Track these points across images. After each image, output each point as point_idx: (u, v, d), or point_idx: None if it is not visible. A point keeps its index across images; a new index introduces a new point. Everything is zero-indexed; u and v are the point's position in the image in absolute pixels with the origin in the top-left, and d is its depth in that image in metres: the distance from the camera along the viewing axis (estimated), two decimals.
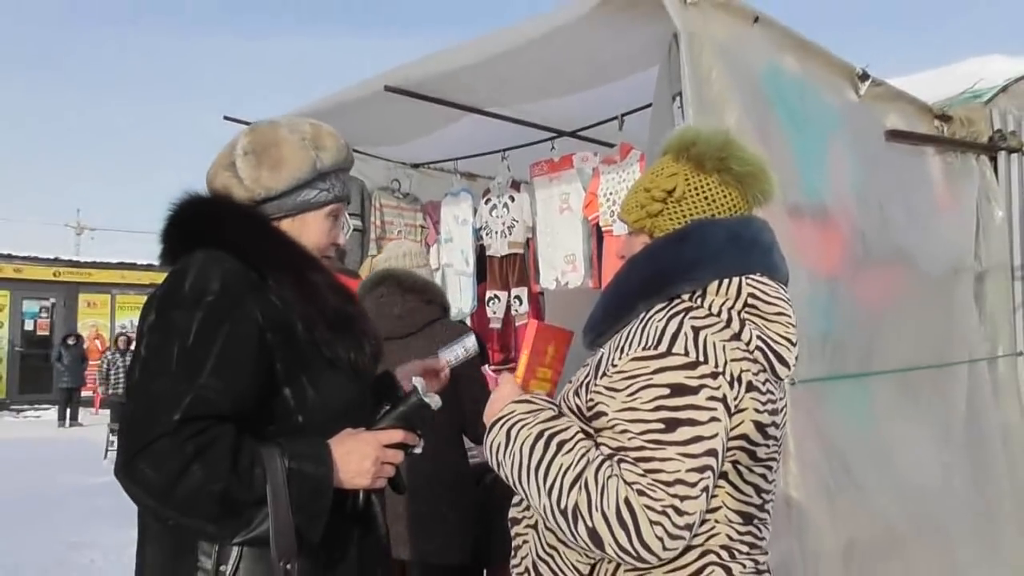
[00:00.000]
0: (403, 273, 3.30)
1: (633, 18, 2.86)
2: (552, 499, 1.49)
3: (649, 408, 1.46)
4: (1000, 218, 4.28)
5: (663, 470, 1.42)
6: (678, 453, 1.42)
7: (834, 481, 2.96)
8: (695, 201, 1.67)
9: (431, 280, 3.37)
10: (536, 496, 1.53)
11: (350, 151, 1.92)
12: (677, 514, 1.40)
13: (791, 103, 3.08)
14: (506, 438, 1.61)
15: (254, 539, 1.54)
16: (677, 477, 1.41)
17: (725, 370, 1.49)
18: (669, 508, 1.40)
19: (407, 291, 3.24)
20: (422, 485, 3.00)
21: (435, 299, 3.31)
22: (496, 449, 1.63)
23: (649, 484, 1.41)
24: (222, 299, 1.58)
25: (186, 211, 1.77)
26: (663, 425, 1.44)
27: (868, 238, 3.37)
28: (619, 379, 1.52)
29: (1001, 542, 3.95)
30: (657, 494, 1.40)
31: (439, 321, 3.27)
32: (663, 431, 1.44)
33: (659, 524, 1.39)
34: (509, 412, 1.64)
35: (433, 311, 3.27)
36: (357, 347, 1.77)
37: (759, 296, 1.59)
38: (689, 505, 1.41)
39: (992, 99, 4.43)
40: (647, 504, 1.40)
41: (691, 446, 1.43)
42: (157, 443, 1.45)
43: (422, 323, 3.21)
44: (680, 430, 1.43)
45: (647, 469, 1.43)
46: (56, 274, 21.88)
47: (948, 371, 3.86)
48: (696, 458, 1.43)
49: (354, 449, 1.67)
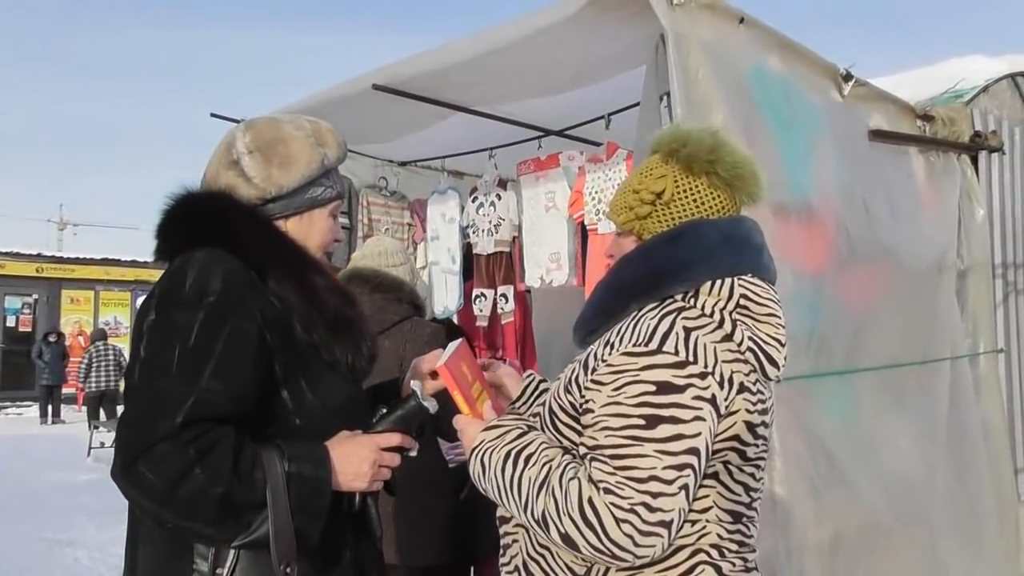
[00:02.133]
0: (370, 272, 3.26)
1: (620, 18, 2.87)
2: (528, 512, 1.53)
3: (632, 404, 1.47)
4: (981, 217, 4.33)
5: (637, 467, 1.43)
6: (655, 450, 1.43)
7: (819, 476, 3.00)
8: (684, 204, 1.67)
9: (401, 278, 3.33)
10: (518, 514, 1.56)
11: (346, 147, 1.91)
12: (648, 511, 1.41)
13: (777, 103, 3.11)
14: (482, 467, 1.64)
15: (252, 542, 1.53)
16: (652, 474, 1.42)
17: (715, 371, 1.49)
18: (639, 505, 1.40)
19: (374, 290, 3.20)
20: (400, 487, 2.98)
21: (404, 297, 3.27)
22: (477, 479, 1.66)
23: (618, 482, 1.42)
24: (223, 299, 1.57)
25: (185, 207, 1.75)
26: (644, 421, 1.45)
27: (853, 236, 3.40)
28: (606, 372, 1.53)
29: (982, 536, 4.01)
30: (625, 492, 1.41)
31: (409, 319, 3.23)
32: (643, 427, 1.45)
33: (627, 522, 1.40)
34: (480, 442, 1.66)
35: (403, 309, 3.24)
36: (355, 349, 1.77)
37: (751, 297, 1.60)
38: (664, 502, 1.42)
39: (973, 99, 4.47)
40: (612, 502, 1.41)
41: (670, 444, 1.44)
42: (158, 446, 1.44)
43: (390, 322, 3.18)
44: (661, 427, 1.44)
45: (618, 467, 1.44)
46: (39, 270, 21.72)
47: (931, 367, 3.91)
48: (675, 456, 1.43)
49: (352, 452, 1.66)
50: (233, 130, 1.86)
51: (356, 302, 1.89)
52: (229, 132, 1.87)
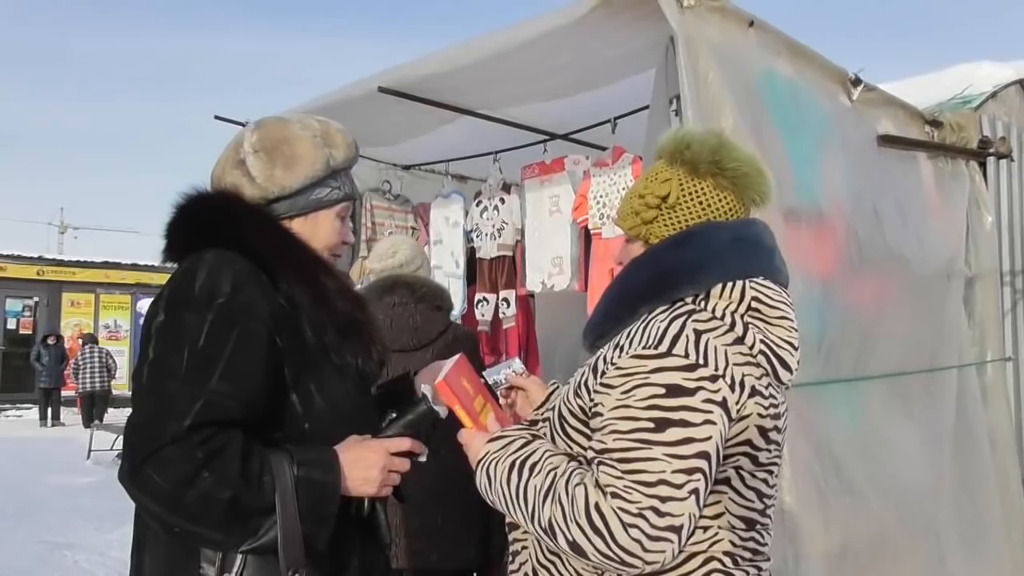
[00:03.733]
0: (413, 279, 3.22)
1: (629, 21, 2.86)
2: (535, 522, 1.51)
3: (642, 407, 1.44)
4: (989, 223, 4.32)
5: (645, 471, 1.40)
6: (665, 454, 1.41)
7: (827, 484, 2.98)
8: (690, 207, 1.65)
9: (440, 285, 3.31)
10: (526, 523, 1.55)
11: (357, 148, 1.89)
12: (657, 515, 1.38)
13: (786, 107, 3.10)
14: (488, 479, 1.63)
15: (260, 547, 1.51)
16: (661, 478, 1.40)
17: (726, 374, 1.47)
18: (647, 510, 1.38)
19: (419, 300, 3.16)
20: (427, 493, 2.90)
21: (444, 305, 3.26)
22: (484, 491, 1.65)
23: (626, 487, 1.40)
24: (233, 301, 1.55)
25: (196, 207, 1.74)
26: (653, 424, 1.42)
27: (862, 241, 3.39)
28: (616, 375, 1.51)
29: (988, 545, 3.99)
30: (633, 496, 1.39)
31: (450, 328, 3.22)
32: (653, 431, 1.42)
33: (635, 527, 1.38)
34: (484, 454, 1.66)
35: (444, 319, 3.22)
36: (365, 354, 1.75)
37: (763, 300, 1.57)
38: (673, 507, 1.39)
39: (982, 105, 4.47)
40: (620, 507, 1.39)
41: (680, 447, 1.41)
42: (166, 449, 1.42)
43: (436, 333, 3.15)
44: (670, 431, 1.42)
45: (626, 471, 1.41)
46: (40, 273, 21.70)
47: (938, 375, 3.89)
48: (685, 459, 1.41)
49: (361, 456, 1.64)
50: (243, 129, 1.85)
51: (367, 306, 1.87)
52: (240, 131, 1.86)
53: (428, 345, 3.11)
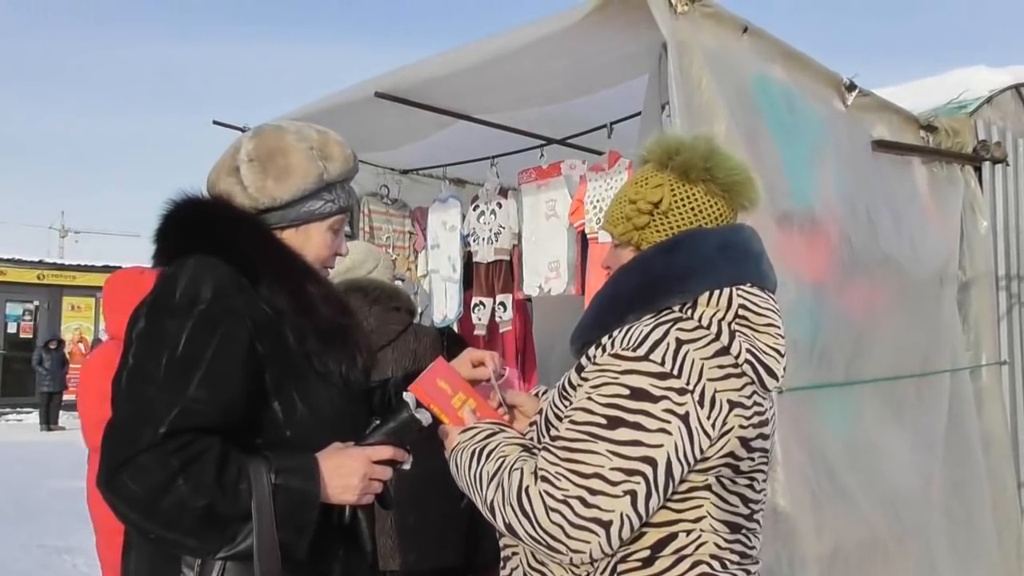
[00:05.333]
0: (367, 283, 3.23)
1: (623, 27, 2.87)
2: (484, 505, 1.56)
3: (602, 403, 1.47)
4: (984, 228, 4.32)
5: (583, 462, 1.44)
6: (607, 450, 1.44)
7: (820, 488, 2.98)
8: (682, 213, 1.66)
9: (395, 286, 3.31)
10: (481, 508, 1.59)
11: (356, 160, 1.89)
12: (584, 506, 1.41)
13: (779, 112, 3.10)
14: (455, 467, 1.68)
15: (237, 555, 1.51)
16: (597, 472, 1.43)
17: (696, 389, 1.47)
18: (573, 499, 1.41)
19: (374, 302, 3.17)
20: (409, 495, 2.94)
21: (402, 305, 3.26)
22: (455, 479, 1.69)
23: (558, 473, 1.44)
24: (213, 307, 1.55)
25: (184, 212, 1.74)
26: (606, 421, 1.45)
27: (855, 246, 3.40)
28: (592, 370, 1.54)
29: (979, 550, 3.98)
30: (562, 483, 1.43)
31: (410, 328, 3.22)
32: (604, 427, 1.45)
33: (557, 511, 1.42)
34: (455, 444, 1.70)
35: (403, 318, 3.22)
36: (350, 360, 1.75)
37: (750, 307, 1.58)
38: (602, 501, 1.41)
39: (977, 110, 4.47)
40: (546, 491, 1.43)
41: (626, 448, 1.43)
42: (141, 456, 1.42)
43: (394, 333, 3.16)
44: (621, 430, 1.44)
45: (564, 459, 1.45)
46: (40, 277, 21.70)
47: (931, 380, 3.89)
48: (627, 460, 1.43)
49: (342, 464, 1.64)
50: (242, 136, 1.86)
51: (353, 313, 1.87)
52: (238, 137, 1.86)
53: (388, 345, 3.12)
